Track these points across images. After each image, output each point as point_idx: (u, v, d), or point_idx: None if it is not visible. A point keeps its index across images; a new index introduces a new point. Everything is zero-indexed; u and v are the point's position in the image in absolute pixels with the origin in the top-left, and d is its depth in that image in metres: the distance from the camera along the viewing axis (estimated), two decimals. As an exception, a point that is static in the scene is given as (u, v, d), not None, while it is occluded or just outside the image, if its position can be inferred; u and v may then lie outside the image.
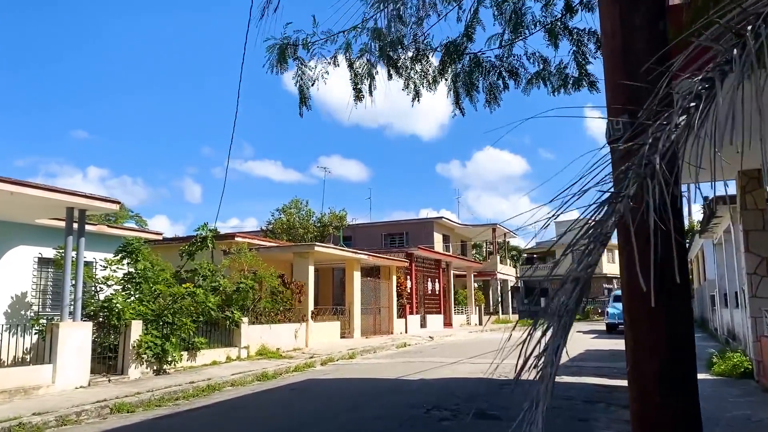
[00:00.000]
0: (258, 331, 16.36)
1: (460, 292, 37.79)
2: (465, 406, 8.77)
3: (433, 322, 30.08)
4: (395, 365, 14.81)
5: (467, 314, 36.57)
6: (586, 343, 21.11)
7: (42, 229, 12.90)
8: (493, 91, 4.82)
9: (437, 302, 31.49)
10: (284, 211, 32.07)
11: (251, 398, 10.25)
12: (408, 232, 40.60)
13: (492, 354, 16.94)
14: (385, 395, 10.33)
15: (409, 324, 26.59)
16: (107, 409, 8.97)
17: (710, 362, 11.58)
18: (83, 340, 10.62)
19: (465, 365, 14.40)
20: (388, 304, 25.01)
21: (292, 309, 18.69)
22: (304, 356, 16.48)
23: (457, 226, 43.45)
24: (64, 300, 10.56)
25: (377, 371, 13.69)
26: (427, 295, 30.43)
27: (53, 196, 9.93)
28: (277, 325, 17.57)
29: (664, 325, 2.55)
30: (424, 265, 29.94)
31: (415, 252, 27.88)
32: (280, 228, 31.53)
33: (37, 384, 9.81)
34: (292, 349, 17.83)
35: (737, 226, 11.78)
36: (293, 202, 32.57)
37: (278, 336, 17.30)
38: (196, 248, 14.78)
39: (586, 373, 12.39)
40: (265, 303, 16.53)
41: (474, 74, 4.62)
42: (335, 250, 20.09)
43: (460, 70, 4.79)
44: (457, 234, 44.65)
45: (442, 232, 41.91)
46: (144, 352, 11.74)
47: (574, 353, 17.06)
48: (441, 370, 13.39)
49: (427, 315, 29.82)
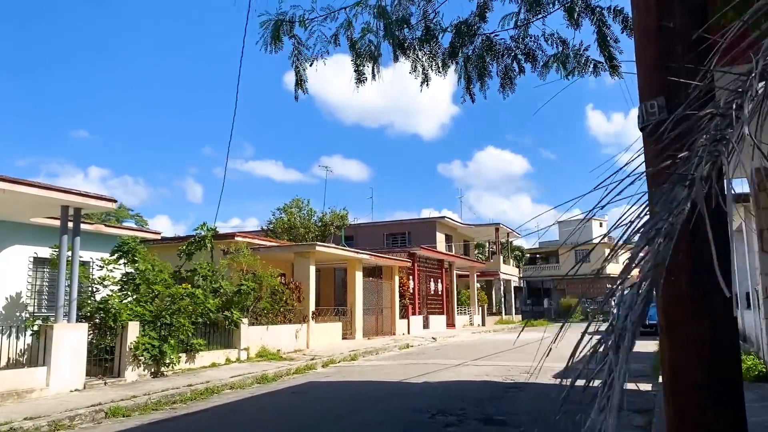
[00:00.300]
0: (258, 332, 16.09)
1: (463, 293, 37.50)
2: (471, 410, 8.48)
3: (436, 322, 29.80)
4: (398, 367, 14.53)
5: (470, 315, 36.28)
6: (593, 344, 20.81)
7: (38, 229, 12.64)
8: (507, 74, 4.49)
9: (440, 303, 31.21)
10: (285, 211, 31.75)
11: (251, 402, 9.97)
12: (410, 232, 40.32)
13: (496, 356, 16.66)
14: (388, 399, 10.05)
15: (411, 325, 26.31)
16: (102, 413, 8.69)
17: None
18: (78, 342, 10.35)
19: (469, 367, 14.12)
20: (390, 304, 24.73)
21: (293, 310, 18.41)
22: (305, 358, 16.21)
23: (459, 226, 43.15)
24: (59, 301, 10.29)
25: (380, 373, 13.41)
26: (430, 296, 30.14)
27: (47, 194, 9.66)
28: (278, 326, 17.30)
29: (708, 332, 2.28)
30: (426, 265, 29.66)
31: (417, 252, 27.60)
32: (280, 227, 31.19)
33: (31, 387, 9.54)
34: (292, 350, 17.56)
35: (750, 226, 11.49)
36: (294, 201, 32.27)
37: (279, 337, 17.03)
38: (194, 248, 14.51)
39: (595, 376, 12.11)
40: (265, 304, 16.25)
41: (487, 57, 4.29)
42: (337, 249, 19.81)
43: (472, 52, 4.46)
44: (459, 234, 44.36)
45: (445, 232, 41.62)
46: (141, 354, 11.47)
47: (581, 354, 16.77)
48: (445, 373, 13.11)
49: (430, 316, 29.54)
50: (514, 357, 16.35)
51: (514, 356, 16.57)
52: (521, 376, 12.20)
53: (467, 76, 4.43)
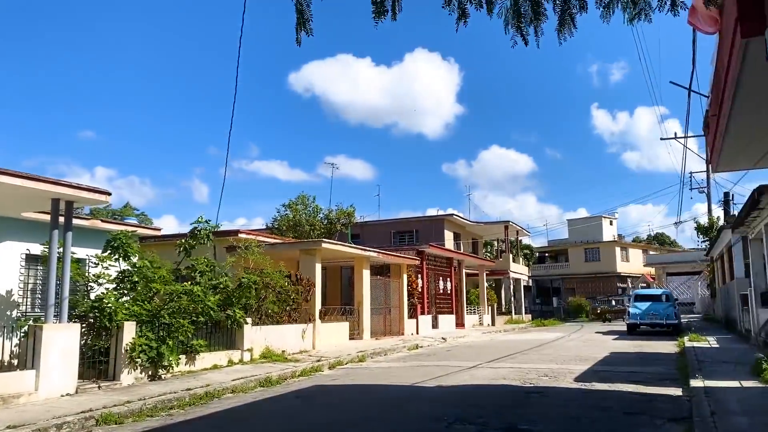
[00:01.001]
0: (262, 332, 15.45)
1: (472, 292, 36.76)
2: (492, 419, 7.78)
3: (445, 322, 29.08)
4: (409, 369, 13.84)
5: (479, 314, 35.53)
6: (609, 345, 20.06)
7: (31, 224, 12.02)
8: (566, 10, 3.75)
9: (449, 302, 30.49)
10: (290, 207, 31.00)
11: (252, 408, 9.30)
12: (418, 230, 39.63)
13: (510, 358, 15.93)
14: (401, 405, 9.36)
15: (420, 324, 25.60)
16: (92, 420, 8.05)
17: (759, 367, 10.52)
18: (69, 343, 9.71)
19: (484, 370, 13.42)
20: (398, 303, 24.03)
21: (299, 309, 17.77)
22: (311, 359, 15.56)
23: (468, 224, 42.42)
24: (49, 299, 9.66)
25: (389, 376, 12.72)
26: (439, 295, 29.43)
27: (35, 185, 9.02)
28: (283, 325, 16.65)
29: None
30: (435, 263, 28.95)
31: (426, 250, 26.88)
32: (285, 225, 30.46)
33: (18, 392, 8.90)
34: (298, 351, 16.91)
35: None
36: (300, 197, 31.55)
37: (284, 337, 16.39)
38: (194, 242, 13.83)
39: (618, 379, 11.37)
40: (270, 303, 15.59)
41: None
42: (344, 247, 19.13)
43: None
44: (467, 232, 43.62)
45: (453, 230, 40.90)
46: (138, 356, 10.83)
47: (599, 356, 16.01)
48: (459, 376, 12.41)
49: (439, 315, 28.82)
50: (530, 358, 15.63)
51: (530, 357, 15.86)
52: (541, 380, 11.49)
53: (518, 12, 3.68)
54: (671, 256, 55.63)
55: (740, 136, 8.16)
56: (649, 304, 25.64)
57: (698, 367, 12.08)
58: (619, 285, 57.35)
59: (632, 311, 25.49)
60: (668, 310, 25.00)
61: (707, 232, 33.87)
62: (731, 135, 8.01)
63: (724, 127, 7.67)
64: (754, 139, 8.18)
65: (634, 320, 25.13)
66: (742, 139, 8.27)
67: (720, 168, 10.28)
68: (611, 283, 57.90)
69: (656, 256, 56.26)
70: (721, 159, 9.42)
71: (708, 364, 12.70)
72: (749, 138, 8.13)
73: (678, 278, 53.64)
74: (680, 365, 13.24)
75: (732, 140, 8.21)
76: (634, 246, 63.25)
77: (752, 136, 8.11)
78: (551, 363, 14.50)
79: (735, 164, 10.19)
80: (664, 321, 24.70)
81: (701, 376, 10.84)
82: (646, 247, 64.76)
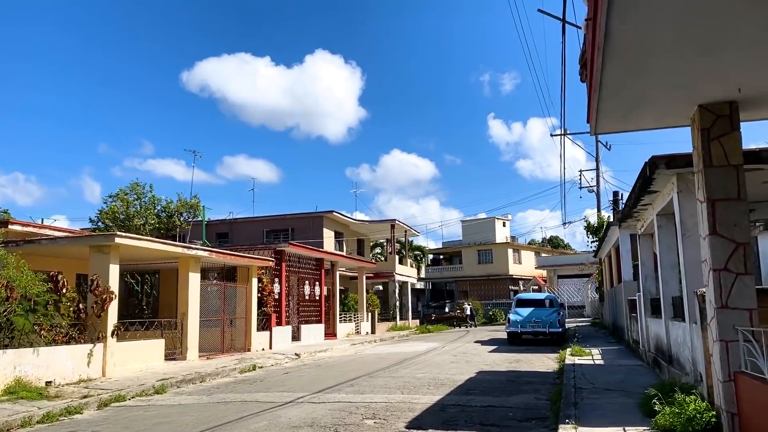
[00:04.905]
0: (11, 357, 11.08)
1: (351, 297, 33.32)
2: None
3: (311, 333, 25.33)
4: (201, 409, 9.92)
5: (357, 322, 32.08)
6: (481, 360, 17.11)
7: None
8: None
9: (318, 309, 26.75)
10: (119, 198, 25.77)
11: None
12: (293, 228, 35.78)
13: (353, 383, 12.15)
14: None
15: (274, 338, 21.68)
16: None
17: (648, 405, 7.58)
18: None
19: (301, 407, 9.74)
20: (245, 313, 20.00)
21: (86, 323, 13.43)
22: (85, 392, 11.41)
23: (352, 222, 39.07)
24: None
25: (160, 424, 8.77)
26: (305, 302, 25.62)
27: None
28: (54, 347, 12.28)
29: None
30: (300, 265, 25.12)
31: (286, 249, 23.00)
32: (109, 218, 25.26)
33: None
34: (77, 380, 12.59)
35: (691, 198, 7.98)
36: (132, 185, 26.27)
37: (52, 364, 12.02)
38: None
39: (467, 422, 8.15)
40: (18, 317, 11.18)
41: None
42: (153, 243, 14.80)
43: None
44: (352, 231, 40.27)
45: (334, 229, 37.39)
46: None
47: (461, 378, 12.86)
48: (253, 422, 8.67)
49: (304, 325, 25.02)
50: (374, 385, 12.17)
51: (375, 383, 12.38)
52: (363, 425, 8.05)
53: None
54: (561, 258, 55.34)
55: (619, 76, 5.60)
56: (532, 310, 23.18)
57: (574, 400, 9.12)
58: (511, 287, 56.29)
59: (513, 318, 22.90)
60: (551, 317, 22.62)
61: (597, 231, 32.41)
62: (608, 72, 5.63)
63: (600, 62, 5.19)
64: (636, 78, 5.67)
65: (514, 328, 22.54)
66: (622, 79, 5.74)
67: (600, 126, 7.36)
68: (503, 286, 56.79)
69: (547, 258, 55.79)
70: (601, 109, 6.57)
71: (587, 393, 9.81)
72: (632, 72, 5.58)
73: (569, 281, 53.22)
74: (555, 393, 10.28)
75: (611, 77, 5.57)
76: (527, 248, 62.77)
77: (635, 73, 5.55)
78: (396, 392, 11.12)
79: (618, 121, 7.32)
80: (546, 329, 22.28)
81: (575, 417, 7.82)
82: (539, 250, 64.53)
